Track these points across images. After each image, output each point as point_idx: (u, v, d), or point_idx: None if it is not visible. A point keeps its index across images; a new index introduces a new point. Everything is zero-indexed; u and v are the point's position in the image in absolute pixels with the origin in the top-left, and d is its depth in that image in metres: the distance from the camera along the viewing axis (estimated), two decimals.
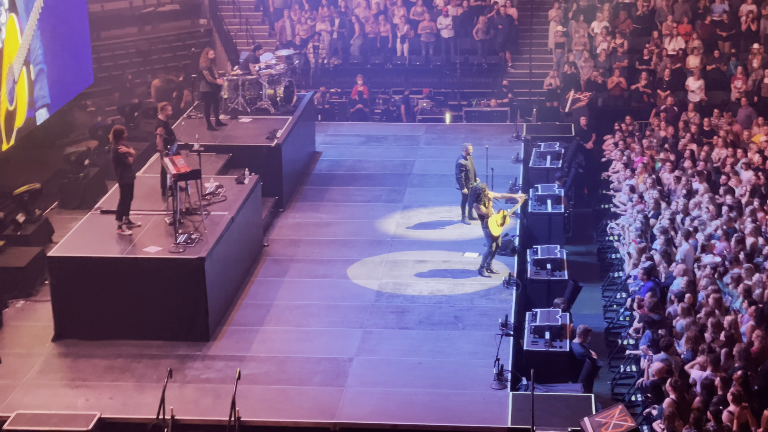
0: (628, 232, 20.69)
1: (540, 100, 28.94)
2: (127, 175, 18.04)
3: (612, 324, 19.27)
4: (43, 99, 23.33)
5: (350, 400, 15.71)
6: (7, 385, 16.09)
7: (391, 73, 30.83)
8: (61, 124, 25.38)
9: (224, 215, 18.67)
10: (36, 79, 22.91)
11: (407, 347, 17.13)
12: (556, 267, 19.27)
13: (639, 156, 24.09)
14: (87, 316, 17.36)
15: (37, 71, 22.93)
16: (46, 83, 23.42)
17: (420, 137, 26.74)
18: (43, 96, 23.32)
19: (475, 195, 19.57)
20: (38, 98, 23.04)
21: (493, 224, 19.08)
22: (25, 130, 22.36)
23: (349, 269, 19.76)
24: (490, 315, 17.88)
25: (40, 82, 23.09)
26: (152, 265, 17.29)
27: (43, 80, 23.31)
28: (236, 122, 23.93)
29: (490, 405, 15.44)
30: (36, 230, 20.39)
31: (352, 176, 24.35)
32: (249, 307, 18.48)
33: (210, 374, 16.48)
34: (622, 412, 14.02)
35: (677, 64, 28.65)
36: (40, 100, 23.12)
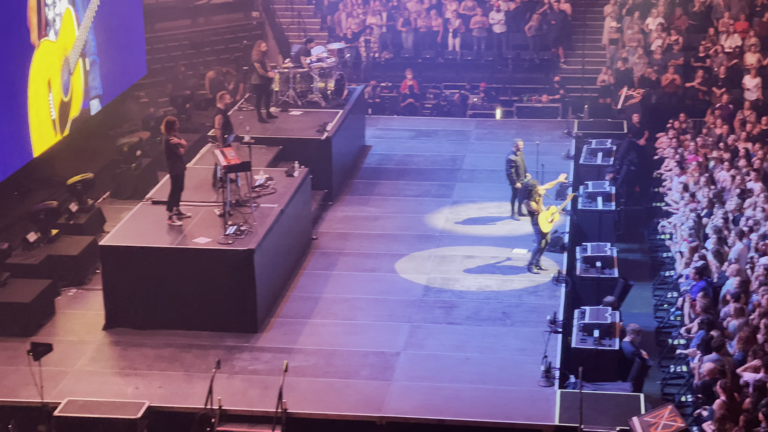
0: (680, 231, 20.48)
1: (592, 96, 28.73)
2: (178, 166, 18.15)
3: (662, 323, 19.10)
4: (96, 90, 23.55)
5: (397, 394, 15.69)
6: (58, 372, 16.26)
7: (443, 67, 30.75)
8: (114, 114, 25.60)
9: (274, 207, 18.73)
10: (89, 70, 23.13)
11: (455, 342, 17.09)
12: (606, 264, 19.12)
13: (693, 154, 23.84)
14: (137, 306, 17.50)
15: (90, 62, 23.15)
16: (98, 75, 23.64)
17: (470, 132, 26.66)
18: (96, 87, 23.54)
19: (526, 191, 19.47)
20: (91, 89, 23.28)
21: (543, 221, 18.97)
22: (80, 121, 22.60)
23: (398, 263, 19.75)
24: (539, 312, 17.78)
25: (93, 73, 23.32)
26: (202, 256, 17.39)
27: (96, 72, 23.54)
28: (287, 115, 24.00)
29: (538, 402, 15.35)
30: (89, 219, 20.59)
31: (402, 170, 24.33)
32: (297, 300, 18.53)
33: (258, 366, 16.54)
34: (672, 413, 13.88)
35: (733, 62, 28.30)
36: (93, 90, 23.36)
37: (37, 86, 20.57)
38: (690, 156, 23.75)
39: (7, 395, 15.78)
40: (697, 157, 23.45)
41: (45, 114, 20.92)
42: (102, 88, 23.80)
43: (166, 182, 19.10)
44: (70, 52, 21.89)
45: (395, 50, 31.16)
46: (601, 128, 26.16)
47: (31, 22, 20.36)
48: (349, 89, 25.33)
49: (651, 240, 22.69)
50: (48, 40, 21.01)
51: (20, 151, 20.18)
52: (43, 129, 20.90)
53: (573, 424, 14.44)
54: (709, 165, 23.25)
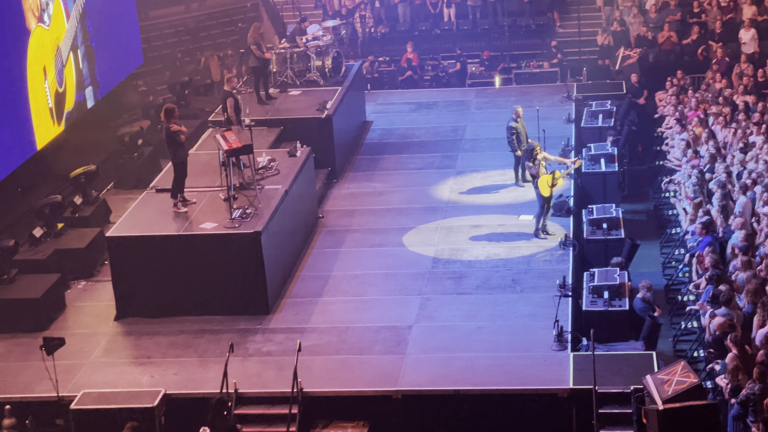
0: (684, 188, 20.47)
1: (590, 59, 28.65)
2: (180, 153, 18.16)
3: (671, 281, 19.13)
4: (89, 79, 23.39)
5: (411, 367, 15.76)
6: (72, 365, 16.34)
7: (439, 38, 30.67)
8: (114, 105, 25.61)
9: (278, 188, 18.75)
10: (82, 59, 22.99)
11: (466, 312, 17.13)
12: (613, 226, 19.13)
13: (693, 110, 23.79)
14: (148, 295, 17.56)
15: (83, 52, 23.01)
16: (94, 61, 23.51)
17: (470, 102, 26.63)
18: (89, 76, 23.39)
19: (527, 153, 19.56)
20: (86, 77, 23.14)
21: (543, 184, 18.96)
22: (75, 115, 22.52)
23: (405, 237, 19.78)
24: (548, 277, 17.81)
25: (86, 62, 23.18)
26: (209, 242, 17.43)
27: (92, 57, 23.39)
28: (286, 95, 23.99)
29: (551, 366, 15.40)
30: (94, 211, 20.64)
31: (404, 144, 24.32)
32: (307, 279, 18.58)
33: (271, 347, 16.61)
34: (685, 369, 13.91)
35: (728, 16, 28.16)
36: (86, 80, 23.22)
37: (34, 73, 20.49)
38: (690, 113, 23.69)
39: (23, 391, 15.87)
40: (698, 113, 23.40)
41: (43, 102, 20.88)
42: (98, 75, 23.72)
43: (169, 170, 19.14)
44: (62, 43, 21.84)
45: (390, 24, 31.08)
46: (600, 90, 26.11)
47: (24, 5, 20.27)
48: (346, 66, 25.30)
49: (656, 198, 22.68)
50: (41, 27, 20.93)
51: (24, 144, 20.18)
52: (43, 119, 20.87)
53: (587, 386, 14.49)
54: (709, 120, 23.20)
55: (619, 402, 14.55)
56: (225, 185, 18.29)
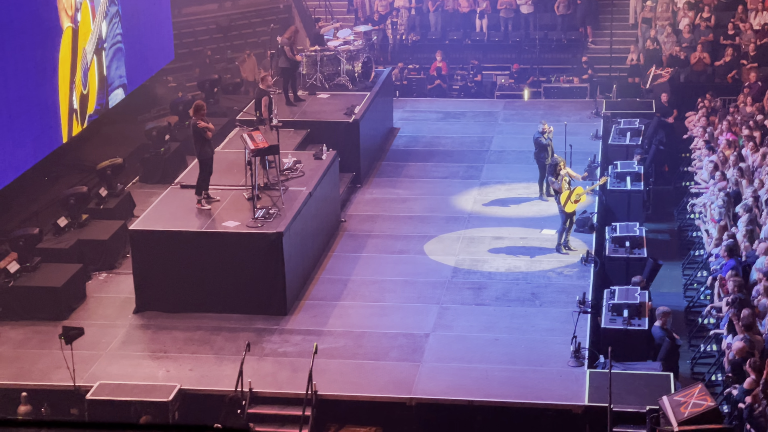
0: (710, 210, 20.37)
1: (621, 76, 28.56)
2: (206, 150, 18.21)
3: (692, 303, 19.02)
4: (120, 79, 23.45)
5: (426, 375, 15.74)
6: (90, 356, 16.40)
7: (470, 48, 30.67)
8: (143, 99, 25.72)
9: (302, 190, 18.78)
10: (112, 59, 22.99)
11: (484, 323, 17.10)
12: (635, 244, 19.06)
13: (723, 133, 23.67)
14: (167, 289, 17.61)
15: (113, 52, 23.03)
16: (123, 63, 23.58)
17: (498, 114, 26.59)
18: (120, 76, 23.45)
19: (551, 168, 19.56)
20: (114, 79, 23.09)
21: (565, 200, 18.94)
22: (95, 116, 22.37)
23: (426, 245, 19.77)
24: (568, 292, 17.76)
25: (117, 61, 23.23)
26: (231, 240, 17.48)
27: (121, 60, 23.47)
28: (314, 98, 24.03)
29: (567, 382, 15.35)
30: (118, 204, 20.71)
31: (430, 152, 24.31)
32: (326, 282, 18.59)
33: (287, 348, 16.62)
34: (702, 392, 13.85)
35: (763, 39, 28.03)
36: (116, 80, 23.20)
37: (65, 71, 20.63)
38: (721, 135, 23.58)
39: (40, 379, 15.95)
40: (729, 136, 23.28)
41: (69, 102, 20.94)
42: (127, 73, 23.79)
43: (194, 166, 19.19)
44: (87, 45, 21.84)
45: (422, 32, 31.10)
46: (629, 108, 26.03)
47: (59, 3, 20.40)
48: (376, 72, 25.31)
49: (680, 219, 22.58)
50: (71, 27, 21.03)
51: (52, 135, 20.29)
52: (69, 116, 20.96)
53: (603, 404, 14.43)
54: (739, 143, 23.08)
55: (634, 422, 14.50)
56: (249, 184, 18.32)
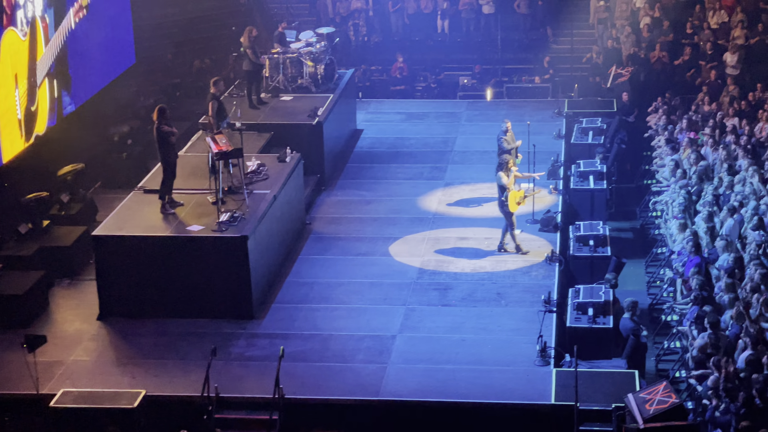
0: (671, 208, 20.55)
1: (582, 75, 28.72)
2: (170, 154, 18.13)
3: (656, 300, 19.18)
4: (71, 106, 22.81)
5: (393, 377, 15.74)
6: (53, 363, 16.27)
7: (432, 49, 30.70)
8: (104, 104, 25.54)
9: (267, 193, 18.73)
10: (61, 86, 22.23)
11: (450, 324, 17.13)
12: (599, 243, 19.18)
13: (683, 131, 23.87)
14: (132, 295, 17.51)
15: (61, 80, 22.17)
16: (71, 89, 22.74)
17: (461, 114, 26.67)
18: (70, 103, 22.77)
19: (499, 164, 19.45)
20: (65, 105, 22.49)
21: (512, 199, 18.85)
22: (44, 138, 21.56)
23: (392, 247, 19.78)
24: (533, 292, 17.83)
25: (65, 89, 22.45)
26: (196, 244, 17.40)
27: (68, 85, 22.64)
28: (277, 100, 23.98)
29: (534, 382, 15.41)
30: (81, 210, 20.56)
31: (394, 154, 24.34)
32: (292, 285, 18.55)
33: (254, 352, 16.57)
34: (667, 389, 13.95)
35: (721, 38, 28.29)
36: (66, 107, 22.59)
37: (4, 76, 19.79)
38: (681, 133, 23.78)
39: (2, 387, 15.78)
40: (690, 134, 23.48)
41: (12, 111, 20.09)
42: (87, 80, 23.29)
43: (157, 170, 19.10)
44: (38, 63, 21.04)
45: (384, 33, 31.11)
46: (591, 107, 26.19)
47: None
48: (339, 73, 25.31)
49: (643, 217, 22.75)
50: (15, 32, 20.22)
51: None
52: (10, 129, 20.08)
53: (569, 403, 14.50)
54: (699, 141, 23.29)
55: (600, 420, 14.57)
56: (214, 188, 18.25)
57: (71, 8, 22.72)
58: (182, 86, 26.90)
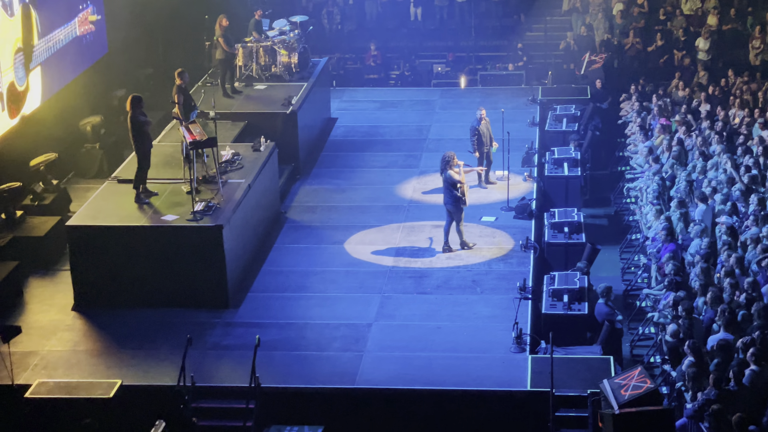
0: (645, 194, 20.64)
1: (556, 62, 28.79)
2: (144, 143, 18.05)
3: (630, 286, 19.27)
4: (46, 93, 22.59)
5: (370, 365, 15.77)
6: (28, 354, 16.20)
7: (406, 37, 30.69)
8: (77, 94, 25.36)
9: (241, 182, 18.70)
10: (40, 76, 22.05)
11: (426, 312, 17.17)
12: (574, 230, 19.24)
13: (657, 118, 23.98)
14: (107, 285, 17.44)
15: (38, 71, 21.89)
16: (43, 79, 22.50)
17: (435, 102, 26.68)
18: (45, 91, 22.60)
19: (444, 162, 18.62)
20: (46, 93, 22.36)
21: (468, 195, 18.60)
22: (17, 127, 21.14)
23: (367, 235, 19.78)
24: (508, 279, 17.89)
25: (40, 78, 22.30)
26: (170, 234, 17.35)
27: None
28: (251, 89, 23.92)
29: (510, 368, 15.47)
30: (54, 200, 20.45)
31: (368, 142, 24.33)
32: (268, 274, 18.53)
33: (230, 341, 16.56)
34: (641, 374, 14.02)
35: (694, 25, 28.41)
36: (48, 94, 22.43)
37: None
38: (655, 120, 23.89)
39: None
40: (663, 120, 23.59)
41: None
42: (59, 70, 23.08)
43: (131, 160, 19.02)
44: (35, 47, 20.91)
45: (357, 21, 31.06)
46: (565, 94, 26.24)
47: None
48: (312, 62, 25.26)
49: (617, 204, 22.85)
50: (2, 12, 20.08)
51: None
52: None
53: (545, 389, 14.56)
54: (672, 128, 23.40)
55: (576, 405, 14.66)
56: (188, 178, 18.20)
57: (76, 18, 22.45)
58: (155, 76, 26.74)
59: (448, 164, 18.53)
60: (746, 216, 18.67)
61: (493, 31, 30.46)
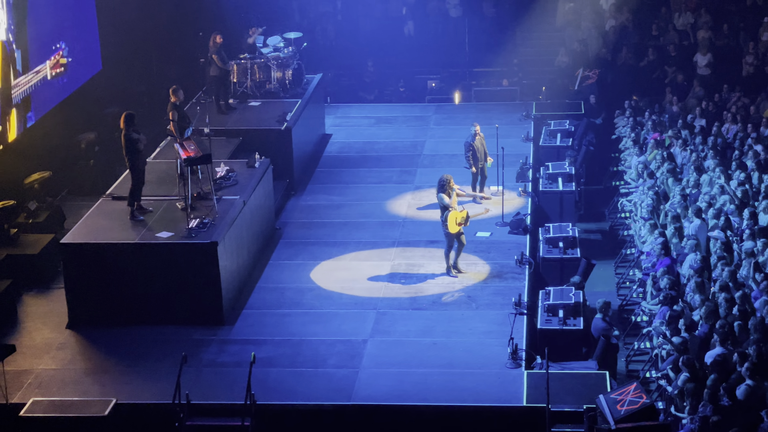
0: (640, 209, 20.66)
1: (550, 78, 28.84)
2: (137, 160, 18.04)
3: (625, 301, 19.27)
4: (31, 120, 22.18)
5: (365, 381, 15.73)
6: (22, 373, 16.14)
7: (400, 53, 30.72)
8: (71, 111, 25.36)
9: (236, 199, 18.69)
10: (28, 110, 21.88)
11: (421, 328, 17.14)
12: (569, 245, 19.25)
13: (651, 132, 24.03)
14: (101, 302, 17.40)
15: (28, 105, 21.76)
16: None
17: (429, 118, 26.71)
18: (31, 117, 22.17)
19: (439, 184, 18.50)
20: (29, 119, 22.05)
21: (451, 220, 18.21)
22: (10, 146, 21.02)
23: (362, 251, 19.76)
24: (503, 294, 17.87)
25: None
26: (165, 251, 17.32)
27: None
28: (246, 106, 23.94)
29: (505, 384, 15.45)
30: (48, 217, 20.42)
31: (363, 158, 24.34)
32: (263, 291, 18.51)
33: (225, 358, 16.52)
34: (637, 389, 14.02)
35: (686, 40, 28.50)
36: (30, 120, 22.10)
37: None
38: (649, 135, 23.94)
39: None
40: (656, 135, 23.64)
41: None
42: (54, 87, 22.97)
43: (125, 177, 19.00)
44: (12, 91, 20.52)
45: (352, 37, 31.10)
46: (559, 109, 26.29)
47: None
48: (307, 78, 25.29)
49: (611, 219, 22.87)
50: None
51: None
52: None
53: (541, 405, 14.55)
54: (665, 143, 23.45)
55: (572, 421, 14.62)
56: (183, 194, 18.18)
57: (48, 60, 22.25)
58: (149, 93, 26.75)
59: (443, 187, 18.37)
60: (740, 230, 18.68)
61: (487, 47, 30.49)
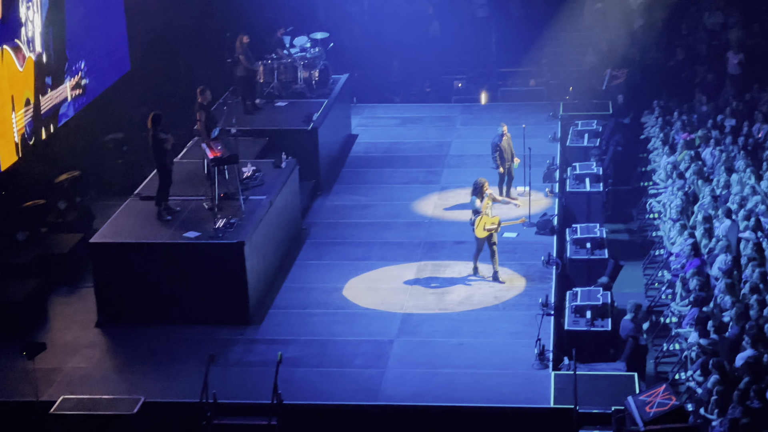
0: (669, 210, 20.55)
1: (577, 78, 28.72)
2: (165, 160, 18.12)
3: (654, 302, 19.17)
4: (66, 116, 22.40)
5: (391, 381, 15.73)
6: (52, 371, 16.24)
7: (426, 53, 30.67)
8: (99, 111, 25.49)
9: (263, 199, 18.73)
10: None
11: (447, 328, 17.11)
12: (596, 246, 19.16)
13: (680, 132, 23.90)
14: (129, 302, 17.49)
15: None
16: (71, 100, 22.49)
17: (456, 118, 26.68)
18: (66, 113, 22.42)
19: (474, 188, 18.31)
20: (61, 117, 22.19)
21: (480, 224, 18.07)
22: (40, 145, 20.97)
23: (388, 251, 19.76)
24: (531, 295, 17.82)
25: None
26: (192, 250, 17.38)
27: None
28: (272, 106, 23.99)
29: (532, 385, 15.40)
30: (77, 217, 20.54)
31: (389, 158, 24.33)
32: (289, 291, 18.53)
33: (251, 357, 16.56)
34: (666, 391, 13.95)
35: (716, 39, 28.32)
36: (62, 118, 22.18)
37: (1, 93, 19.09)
38: (678, 135, 23.80)
39: (1, 395, 15.75)
40: (685, 135, 23.51)
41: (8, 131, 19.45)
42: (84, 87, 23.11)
43: (153, 177, 19.08)
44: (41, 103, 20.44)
45: (378, 37, 31.10)
46: (586, 109, 26.18)
47: None
48: (333, 78, 25.31)
49: (640, 219, 22.76)
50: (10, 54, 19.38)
51: None
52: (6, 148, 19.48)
53: (568, 406, 14.49)
54: (695, 143, 23.31)
55: (600, 423, 14.55)
56: (210, 194, 18.24)
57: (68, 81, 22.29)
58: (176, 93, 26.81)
59: (476, 191, 18.23)
60: None
61: (514, 47, 30.41)
